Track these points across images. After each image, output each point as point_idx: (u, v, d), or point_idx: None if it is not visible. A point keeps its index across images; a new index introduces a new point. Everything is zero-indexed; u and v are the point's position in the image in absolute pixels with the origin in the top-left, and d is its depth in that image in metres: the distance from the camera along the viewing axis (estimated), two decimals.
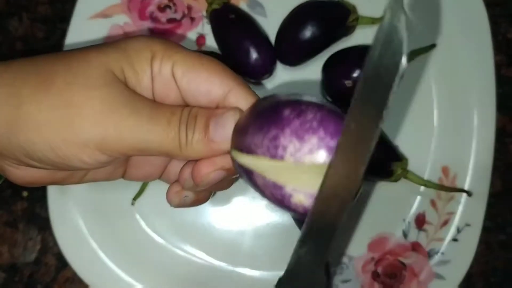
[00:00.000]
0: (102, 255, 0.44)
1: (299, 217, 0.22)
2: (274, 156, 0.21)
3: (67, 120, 0.24)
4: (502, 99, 0.46)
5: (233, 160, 0.25)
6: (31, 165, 0.26)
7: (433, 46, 0.44)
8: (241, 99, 0.26)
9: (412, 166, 0.43)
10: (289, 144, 0.21)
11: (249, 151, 0.22)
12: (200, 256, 0.44)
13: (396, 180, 0.42)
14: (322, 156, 0.21)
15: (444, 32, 0.45)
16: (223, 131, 0.25)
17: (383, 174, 0.42)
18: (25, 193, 0.46)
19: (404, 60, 0.19)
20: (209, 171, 0.26)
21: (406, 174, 0.42)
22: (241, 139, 0.23)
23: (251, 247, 0.45)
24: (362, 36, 0.45)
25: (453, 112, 0.45)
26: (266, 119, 0.22)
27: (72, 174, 0.29)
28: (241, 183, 0.44)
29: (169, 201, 0.30)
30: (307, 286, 0.24)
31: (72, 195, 0.44)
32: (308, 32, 0.42)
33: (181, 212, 0.44)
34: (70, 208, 0.44)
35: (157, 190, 0.44)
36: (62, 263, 0.45)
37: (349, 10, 0.43)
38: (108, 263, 0.44)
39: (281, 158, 0.21)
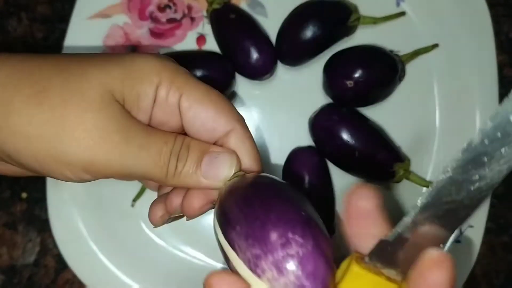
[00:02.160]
0: (101, 256, 0.43)
1: None
2: (252, 270, 0.22)
3: (58, 139, 0.24)
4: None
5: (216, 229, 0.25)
6: (13, 165, 0.26)
7: (435, 46, 0.44)
8: (240, 142, 0.26)
9: (414, 167, 0.43)
10: (269, 271, 0.22)
11: (231, 245, 0.23)
12: (200, 257, 0.44)
13: (398, 182, 0.42)
14: None
15: (446, 32, 0.44)
16: (217, 171, 0.25)
17: (385, 176, 0.42)
18: (24, 195, 0.45)
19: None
20: (202, 204, 0.26)
21: (408, 175, 0.42)
22: (226, 226, 0.24)
23: None
24: (363, 36, 0.44)
25: (456, 113, 0.44)
26: (253, 229, 0.23)
27: None
28: None
29: (152, 222, 0.30)
30: None
31: (72, 197, 0.43)
32: (309, 32, 0.42)
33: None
34: (70, 209, 0.43)
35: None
36: (61, 265, 0.44)
37: (351, 10, 0.43)
38: (108, 264, 0.43)
39: (258, 276, 0.22)
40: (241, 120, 0.27)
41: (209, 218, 0.44)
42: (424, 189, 0.44)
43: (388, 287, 0.22)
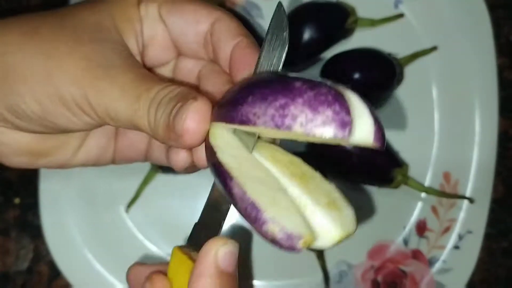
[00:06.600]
0: (95, 263, 0.43)
1: (267, 241, 0.20)
2: (279, 126, 0.19)
3: (48, 72, 0.23)
4: (505, 102, 0.45)
5: (208, 154, 0.22)
6: (18, 126, 0.25)
7: (434, 48, 0.43)
8: (228, 29, 0.26)
9: (413, 172, 0.42)
10: (300, 113, 0.19)
11: (244, 121, 0.20)
12: None
13: (396, 187, 0.42)
14: (333, 131, 0.19)
15: (445, 34, 0.44)
16: (181, 120, 0.21)
17: (384, 181, 0.41)
18: (17, 200, 0.45)
19: (287, 36, 0.25)
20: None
21: (406, 180, 0.41)
22: (233, 110, 0.21)
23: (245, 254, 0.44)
24: (361, 38, 0.44)
25: (455, 117, 0.44)
26: (271, 89, 0.20)
27: (62, 145, 0.27)
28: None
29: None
30: None
31: (65, 203, 0.43)
32: (306, 35, 0.41)
33: (174, 220, 0.44)
34: (63, 215, 0.43)
35: (151, 198, 0.44)
36: (55, 272, 0.44)
37: (348, 12, 0.42)
38: (101, 271, 0.43)
39: (289, 128, 0.19)
40: (223, 10, 0.27)
41: None
42: (423, 194, 0.43)
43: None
